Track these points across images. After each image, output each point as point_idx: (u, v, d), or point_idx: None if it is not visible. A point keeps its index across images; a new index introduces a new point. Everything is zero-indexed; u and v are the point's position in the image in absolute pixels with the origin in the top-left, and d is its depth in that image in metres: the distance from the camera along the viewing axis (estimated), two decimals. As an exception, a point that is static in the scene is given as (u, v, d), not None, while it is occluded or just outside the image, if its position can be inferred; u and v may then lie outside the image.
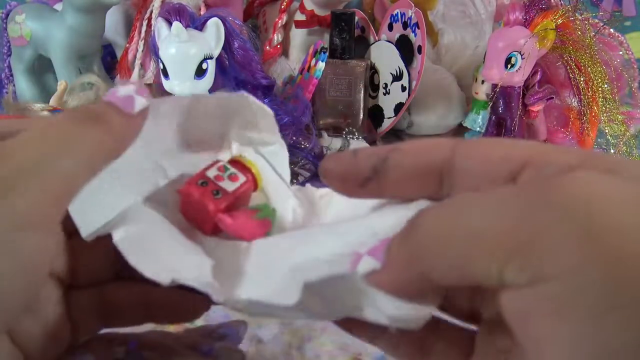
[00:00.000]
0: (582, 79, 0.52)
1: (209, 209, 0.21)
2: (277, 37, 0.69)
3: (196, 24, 0.52)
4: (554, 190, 0.13)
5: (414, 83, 0.61)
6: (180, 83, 0.51)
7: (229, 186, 0.22)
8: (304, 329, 0.37)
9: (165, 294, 0.21)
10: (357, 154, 0.18)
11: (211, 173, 0.22)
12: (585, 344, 0.11)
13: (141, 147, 0.20)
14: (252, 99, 0.23)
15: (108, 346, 0.23)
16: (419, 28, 0.60)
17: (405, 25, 0.62)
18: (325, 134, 0.63)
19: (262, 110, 0.23)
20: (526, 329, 0.13)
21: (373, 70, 0.66)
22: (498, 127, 0.57)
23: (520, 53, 0.52)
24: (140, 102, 0.19)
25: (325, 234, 0.20)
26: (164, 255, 0.19)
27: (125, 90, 0.19)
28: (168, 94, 0.53)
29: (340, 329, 0.20)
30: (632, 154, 0.52)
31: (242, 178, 0.23)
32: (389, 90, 0.65)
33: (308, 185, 0.25)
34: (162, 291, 0.19)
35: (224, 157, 0.24)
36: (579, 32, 0.51)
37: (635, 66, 0.56)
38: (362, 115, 0.64)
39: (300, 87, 0.61)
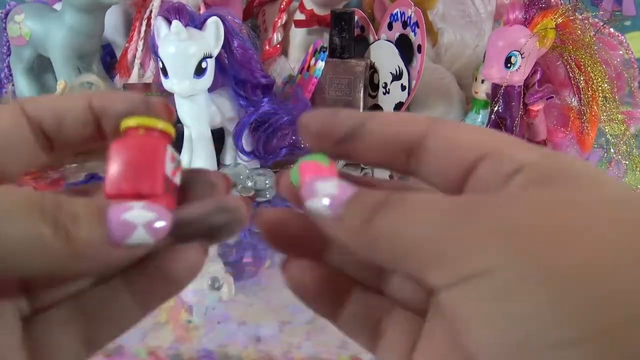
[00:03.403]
0: (582, 78, 0.52)
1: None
2: (276, 37, 0.69)
3: (196, 22, 0.52)
4: (484, 211, 0.14)
5: (413, 82, 0.61)
6: (179, 82, 0.51)
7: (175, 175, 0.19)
8: (304, 329, 0.37)
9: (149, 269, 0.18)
10: (338, 114, 0.18)
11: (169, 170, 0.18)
12: (501, 323, 0.13)
13: None
14: None
15: None
16: (418, 27, 0.60)
17: (405, 25, 0.62)
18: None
19: None
20: (454, 316, 0.14)
21: (373, 70, 0.66)
22: (498, 126, 0.57)
23: (520, 52, 0.51)
24: (140, 237, 0.16)
25: None
26: None
27: (138, 214, 0.16)
28: (168, 93, 0.53)
29: (340, 329, 0.20)
30: (632, 154, 0.52)
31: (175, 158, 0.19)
32: (389, 89, 0.64)
33: None
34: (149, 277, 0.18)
35: None
36: (579, 32, 0.51)
37: (635, 65, 0.56)
38: (361, 115, 0.64)
39: (300, 87, 0.61)
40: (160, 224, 0.16)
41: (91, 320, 0.18)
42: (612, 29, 0.56)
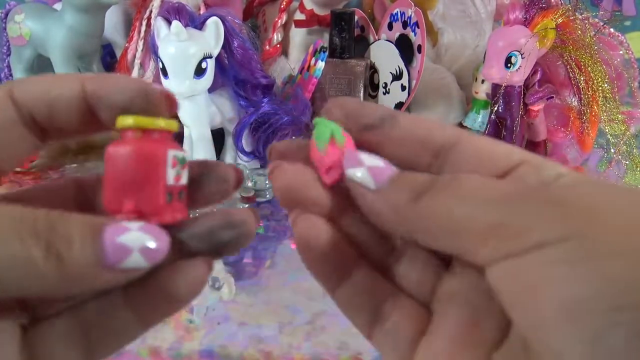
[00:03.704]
0: (582, 78, 0.52)
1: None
2: (276, 37, 0.69)
3: (196, 23, 0.52)
4: (545, 190, 0.15)
5: (413, 82, 0.61)
6: (179, 82, 0.51)
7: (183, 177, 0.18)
8: (304, 329, 0.37)
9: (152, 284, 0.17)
10: (366, 104, 0.19)
11: (171, 176, 0.17)
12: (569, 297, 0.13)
13: None
14: None
15: None
16: (418, 27, 0.60)
17: (405, 25, 0.62)
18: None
19: None
20: (511, 292, 0.15)
21: (373, 70, 0.66)
22: (498, 126, 0.57)
23: (520, 52, 0.51)
24: (134, 262, 0.15)
25: None
26: None
27: (134, 238, 0.15)
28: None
29: (340, 329, 0.19)
30: (632, 154, 0.52)
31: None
32: (389, 89, 0.64)
33: None
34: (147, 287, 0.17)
35: None
36: (579, 32, 0.51)
37: (635, 66, 0.56)
38: (361, 115, 0.64)
39: (300, 87, 0.61)
40: (157, 248, 0.15)
41: (90, 333, 0.17)
42: (612, 29, 0.56)
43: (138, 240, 0.15)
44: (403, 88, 0.62)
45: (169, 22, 0.51)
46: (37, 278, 0.14)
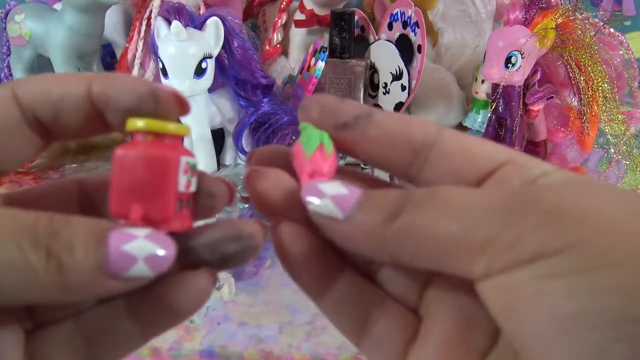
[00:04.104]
0: (582, 78, 0.52)
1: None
2: (276, 37, 0.69)
3: (195, 23, 0.52)
4: (532, 197, 0.14)
5: (413, 82, 0.61)
6: (179, 82, 0.51)
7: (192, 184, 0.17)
8: (304, 329, 0.37)
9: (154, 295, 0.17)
10: (344, 101, 0.18)
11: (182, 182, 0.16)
12: (563, 312, 0.13)
13: None
14: None
15: None
16: (418, 27, 0.60)
17: (405, 25, 0.62)
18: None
19: None
20: (505, 306, 0.14)
21: (373, 70, 0.66)
22: (498, 126, 0.57)
23: (520, 52, 0.51)
24: (139, 271, 0.14)
25: None
26: None
27: (140, 246, 0.14)
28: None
29: (324, 310, 0.19)
30: (632, 154, 0.52)
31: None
32: (389, 89, 0.64)
33: None
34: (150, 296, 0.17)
35: None
36: (579, 32, 0.51)
37: (635, 66, 0.56)
38: (361, 115, 0.64)
39: (300, 87, 0.61)
40: (163, 257, 0.15)
41: (91, 341, 0.17)
42: (612, 29, 0.56)
43: (144, 249, 0.14)
44: (403, 88, 0.62)
45: (169, 22, 0.51)
46: (36, 286, 0.14)
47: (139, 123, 0.16)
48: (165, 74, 0.52)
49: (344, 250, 0.18)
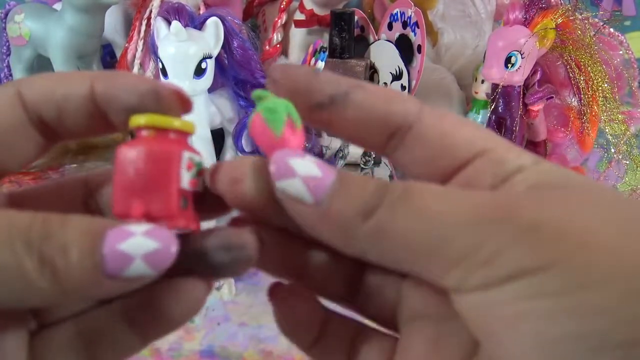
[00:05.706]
0: (582, 78, 0.52)
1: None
2: (276, 37, 0.69)
3: (195, 23, 0.52)
4: (509, 210, 0.13)
5: (413, 82, 0.61)
6: (179, 82, 0.51)
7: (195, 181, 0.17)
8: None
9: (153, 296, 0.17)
10: (319, 75, 0.16)
11: (185, 179, 0.16)
12: (543, 333, 0.12)
13: None
14: None
15: None
16: (418, 27, 0.60)
17: (404, 25, 0.62)
18: (324, 134, 0.63)
19: None
20: (484, 325, 0.14)
21: (373, 70, 0.66)
22: (498, 126, 0.57)
23: (520, 52, 0.51)
24: (137, 270, 0.14)
25: None
26: None
27: (137, 243, 0.14)
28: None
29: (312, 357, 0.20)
30: (632, 153, 0.52)
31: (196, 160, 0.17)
32: (389, 89, 0.64)
33: None
34: (150, 297, 0.16)
35: None
36: (579, 32, 0.51)
37: (635, 66, 0.56)
38: (361, 115, 0.64)
39: (300, 87, 0.61)
40: (163, 254, 0.14)
41: (91, 343, 0.17)
42: (612, 29, 0.56)
43: (141, 247, 0.14)
44: (403, 88, 0.62)
45: (169, 22, 0.51)
46: (32, 290, 0.13)
47: (141, 119, 0.15)
48: (165, 74, 0.52)
49: (318, 269, 0.18)
